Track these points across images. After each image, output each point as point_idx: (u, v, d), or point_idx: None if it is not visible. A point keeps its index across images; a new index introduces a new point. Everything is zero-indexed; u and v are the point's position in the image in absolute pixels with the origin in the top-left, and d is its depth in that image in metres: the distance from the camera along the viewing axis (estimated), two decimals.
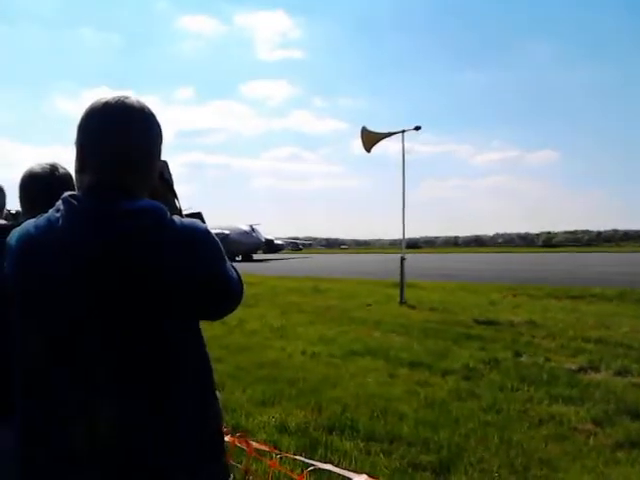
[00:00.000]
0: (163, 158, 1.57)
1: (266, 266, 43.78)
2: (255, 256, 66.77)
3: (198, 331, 1.47)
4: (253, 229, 66.44)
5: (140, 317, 1.31)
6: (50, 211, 1.40)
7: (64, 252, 1.32)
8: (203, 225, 1.43)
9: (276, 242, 75.76)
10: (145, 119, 1.45)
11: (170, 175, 1.64)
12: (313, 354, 8.37)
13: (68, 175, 2.22)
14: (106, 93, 1.46)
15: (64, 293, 1.32)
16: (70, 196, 1.38)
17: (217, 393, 1.80)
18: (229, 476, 1.53)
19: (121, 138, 1.40)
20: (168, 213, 1.39)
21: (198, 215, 1.56)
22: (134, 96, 1.47)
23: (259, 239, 66.70)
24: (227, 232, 64.02)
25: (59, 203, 1.39)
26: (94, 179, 1.39)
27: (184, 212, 1.65)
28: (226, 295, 1.45)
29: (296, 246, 77.66)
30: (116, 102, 1.42)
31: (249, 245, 63.91)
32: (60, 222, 1.35)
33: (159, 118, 1.49)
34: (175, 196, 1.64)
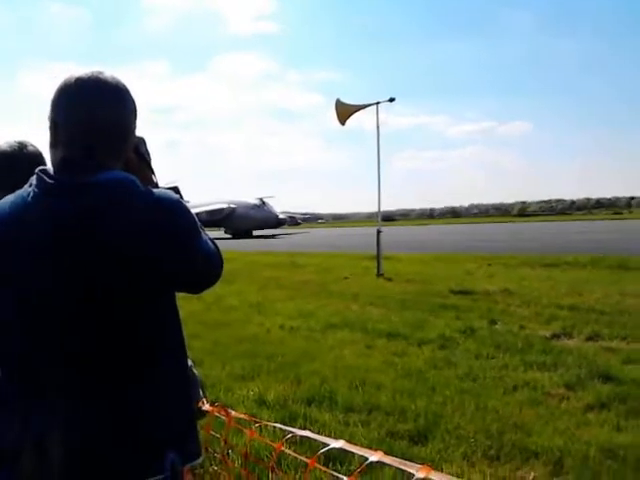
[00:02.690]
0: (140, 134, 1.56)
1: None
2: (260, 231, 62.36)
3: (173, 305, 1.47)
4: (264, 202, 62.71)
5: (113, 289, 1.31)
6: (24, 186, 1.39)
7: (35, 225, 1.32)
8: (175, 196, 1.43)
9: (280, 217, 68.66)
10: (119, 94, 1.44)
11: (147, 151, 1.63)
12: (292, 328, 8.42)
13: (37, 152, 2.17)
14: (77, 69, 1.44)
15: (37, 265, 1.31)
16: (41, 170, 1.38)
17: (194, 369, 1.82)
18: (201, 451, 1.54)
19: (94, 113, 1.39)
20: (140, 184, 1.38)
21: (174, 189, 1.55)
22: (108, 71, 1.45)
23: (271, 213, 62.63)
24: (233, 206, 61.70)
25: (32, 178, 1.39)
26: (66, 153, 1.38)
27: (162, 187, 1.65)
28: (202, 268, 1.45)
29: (294, 221, 74.84)
30: (89, 77, 1.41)
31: (259, 220, 60.57)
32: (31, 196, 1.35)
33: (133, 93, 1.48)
34: (152, 172, 1.64)
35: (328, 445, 1.44)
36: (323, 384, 5.46)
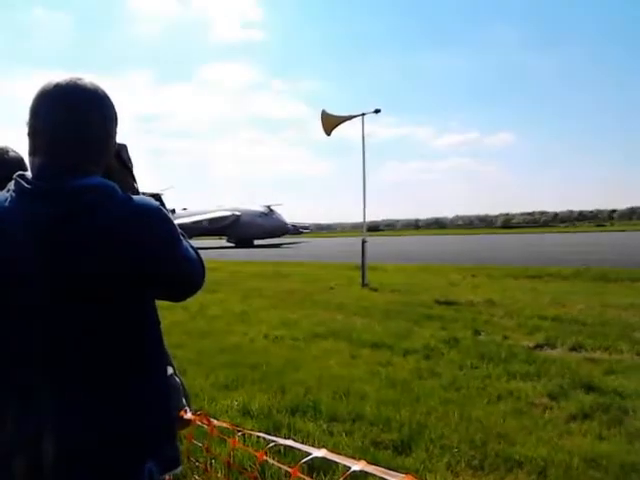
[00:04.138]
0: (123, 142, 1.56)
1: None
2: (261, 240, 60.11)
3: (152, 312, 1.46)
4: (271, 210, 60.54)
5: (91, 294, 1.30)
6: (2, 192, 1.38)
7: (13, 230, 1.31)
8: (155, 203, 1.41)
9: (289, 225, 66.14)
10: (98, 100, 1.43)
11: (129, 158, 1.63)
12: (276, 338, 8.38)
13: (19, 158, 2.15)
14: (59, 75, 1.43)
15: (13, 272, 1.30)
16: (19, 176, 1.37)
17: (176, 377, 1.80)
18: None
19: (73, 120, 1.38)
20: (118, 189, 1.37)
21: (155, 196, 1.54)
22: (87, 78, 1.44)
23: (279, 221, 60.44)
24: (238, 214, 59.99)
25: (10, 183, 1.38)
26: (45, 159, 1.37)
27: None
28: (182, 275, 1.44)
29: (297, 229, 72.79)
30: (67, 84, 1.39)
31: (267, 229, 58.43)
32: (9, 200, 1.34)
33: (116, 102, 1.48)
34: (134, 179, 1.64)
35: (311, 454, 1.43)
36: (307, 394, 5.44)
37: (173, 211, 64.50)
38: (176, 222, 1.41)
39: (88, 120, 1.39)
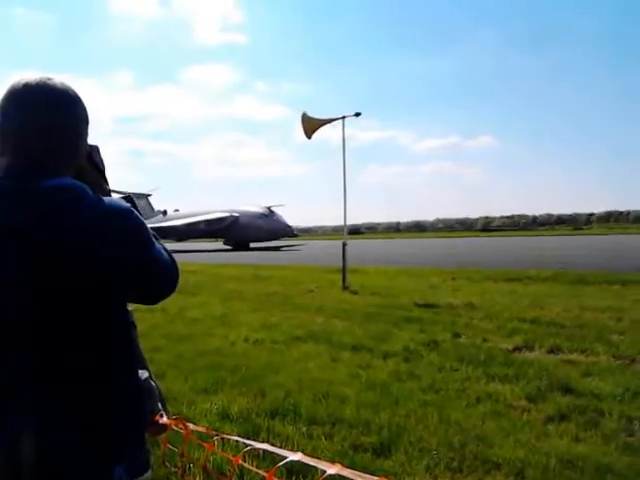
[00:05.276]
0: (96, 143, 1.54)
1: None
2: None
3: (122, 315, 1.44)
4: (272, 211, 58.43)
5: (60, 297, 1.28)
6: None
7: None
8: (125, 204, 1.39)
9: (290, 228, 63.66)
10: (68, 100, 1.41)
11: (101, 159, 1.61)
12: (256, 341, 8.35)
13: None
14: (29, 74, 1.41)
15: None
16: None
17: (152, 381, 1.78)
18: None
19: (42, 120, 1.36)
20: (89, 191, 1.35)
21: (127, 198, 1.52)
22: (57, 78, 1.42)
23: (281, 223, 58.38)
24: (236, 215, 57.95)
25: None
26: (13, 161, 1.35)
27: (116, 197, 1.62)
28: (156, 278, 1.43)
29: (292, 232, 70.48)
30: (37, 83, 1.37)
31: (267, 231, 56.45)
32: None
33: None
34: (105, 180, 1.62)
35: (286, 457, 1.43)
36: (287, 397, 5.42)
37: (165, 212, 63.22)
38: (170, 224, 1.40)
39: (57, 120, 1.38)
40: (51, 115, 1.37)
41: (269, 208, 58.62)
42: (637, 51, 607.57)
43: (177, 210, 66.96)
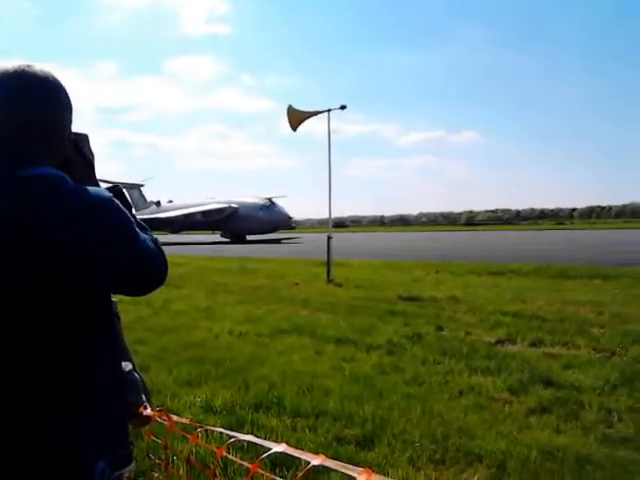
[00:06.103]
0: (85, 132, 1.51)
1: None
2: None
3: (106, 307, 1.42)
4: (273, 202, 56.76)
5: (40, 288, 1.26)
6: None
7: None
8: (108, 194, 1.37)
9: (292, 220, 63.24)
10: (49, 88, 1.39)
11: (90, 149, 1.57)
12: (240, 334, 8.35)
13: None
14: (8, 62, 1.38)
15: None
16: None
17: (136, 373, 1.77)
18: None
19: (22, 108, 1.33)
20: (68, 179, 1.33)
21: (116, 188, 1.50)
22: (38, 65, 1.39)
23: (282, 214, 56.78)
24: (235, 206, 56.59)
25: None
26: None
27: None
28: (143, 269, 1.39)
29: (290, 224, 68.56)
30: (15, 70, 1.35)
31: (268, 223, 55.02)
32: None
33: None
34: (93, 171, 1.59)
35: (270, 449, 1.43)
36: (271, 389, 5.44)
37: (158, 203, 61.88)
38: (167, 215, 1.37)
39: (37, 108, 1.35)
40: (31, 102, 1.34)
41: (270, 199, 57.30)
42: (622, 51, 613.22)
43: (171, 201, 65.58)
